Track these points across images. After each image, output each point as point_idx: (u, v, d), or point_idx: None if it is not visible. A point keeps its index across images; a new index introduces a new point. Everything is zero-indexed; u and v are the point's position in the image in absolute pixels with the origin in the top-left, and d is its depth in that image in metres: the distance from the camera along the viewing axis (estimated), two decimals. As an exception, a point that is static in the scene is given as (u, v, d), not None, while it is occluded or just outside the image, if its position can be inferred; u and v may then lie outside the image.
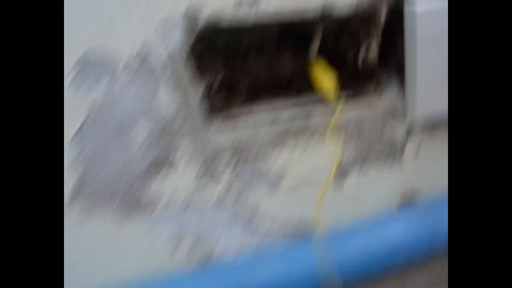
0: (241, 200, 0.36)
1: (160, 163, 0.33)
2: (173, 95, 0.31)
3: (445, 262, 0.45)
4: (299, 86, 0.36)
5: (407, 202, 0.42)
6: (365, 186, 0.40)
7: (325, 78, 0.35)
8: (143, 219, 0.34)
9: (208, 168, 0.34)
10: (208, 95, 0.33)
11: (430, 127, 0.40)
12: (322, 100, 0.36)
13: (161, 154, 0.33)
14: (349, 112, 0.37)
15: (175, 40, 0.29)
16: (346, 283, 0.37)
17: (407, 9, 0.33)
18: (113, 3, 0.27)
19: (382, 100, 0.38)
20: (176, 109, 0.32)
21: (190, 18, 0.29)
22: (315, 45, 0.35)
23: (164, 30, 0.29)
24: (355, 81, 0.38)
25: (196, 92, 0.32)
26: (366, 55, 0.37)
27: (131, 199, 0.33)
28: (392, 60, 0.38)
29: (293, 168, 0.36)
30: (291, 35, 0.35)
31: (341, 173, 0.39)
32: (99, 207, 0.33)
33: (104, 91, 0.29)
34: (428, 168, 0.41)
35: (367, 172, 0.39)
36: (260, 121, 0.35)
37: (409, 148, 0.40)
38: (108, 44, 0.28)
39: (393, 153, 0.40)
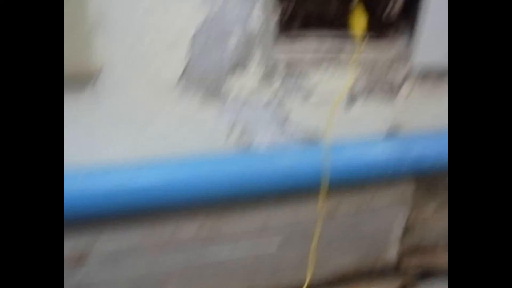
0: (281, 105, 0.47)
1: (240, 65, 0.43)
2: (261, 15, 0.41)
3: (407, 187, 0.58)
4: (339, 22, 0.45)
5: (393, 131, 0.54)
6: (366, 112, 0.51)
7: (359, 20, 0.44)
8: (217, 105, 0.45)
9: (268, 75, 0.45)
10: (280, 20, 0.43)
11: (423, 75, 0.50)
12: (352, 38, 0.45)
13: (241, 58, 0.43)
14: (369, 52, 0.47)
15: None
16: (335, 184, 0.49)
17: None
18: None
19: (394, 47, 0.48)
20: (260, 27, 0.42)
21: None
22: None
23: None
24: (379, 27, 0.47)
25: (275, 15, 0.42)
26: (393, 8, 0.45)
27: (214, 88, 0.44)
28: (410, 16, 0.47)
29: (322, 87, 0.47)
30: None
31: (352, 98, 0.49)
32: (193, 88, 0.43)
33: (219, 5, 0.40)
34: (415, 108, 0.53)
35: (370, 102, 0.50)
36: (307, 47, 0.45)
37: (404, 89, 0.51)
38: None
39: (392, 91, 0.50)
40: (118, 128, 0.43)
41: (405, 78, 0.50)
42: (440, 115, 0.54)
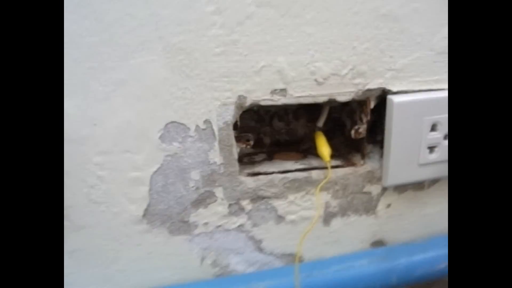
0: (253, 229, 0.48)
1: (206, 196, 0.45)
2: (222, 150, 0.44)
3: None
4: (306, 147, 0.48)
5: (376, 244, 0.54)
6: (346, 227, 0.51)
7: (324, 147, 0.47)
8: (185, 236, 0.46)
9: (237, 202, 0.46)
10: (243, 151, 0.46)
11: (399, 189, 0.52)
12: (320, 161, 0.48)
13: (207, 190, 0.45)
14: (340, 171, 0.49)
15: (229, 115, 0.43)
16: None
17: (388, 99, 0.46)
18: (194, 91, 0.41)
19: (365, 165, 0.50)
20: (222, 160, 0.44)
21: (240, 102, 0.42)
22: (322, 119, 0.48)
23: (223, 108, 0.42)
24: (347, 148, 0.50)
25: (235, 150, 0.45)
26: (358, 130, 0.49)
27: (181, 220, 0.46)
28: (377, 135, 0.50)
29: (294, 211, 0.48)
30: (306, 110, 0.47)
31: (330, 215, 0.50)
32: (160, 222, 0.45)
33: (179, 144, 0.43)
34: (396, 219, 0.53)
35: (349, 217, 0.51)
36: (276, 170, 0.47)
37: (382, 203, 0.52)
38: (188, 113, 0.42)
39: (370, 205, 0.52)
40: (86, 264, 0.44)
41: (381, 194, 0.51)
42: (423, 223, 0.55)
